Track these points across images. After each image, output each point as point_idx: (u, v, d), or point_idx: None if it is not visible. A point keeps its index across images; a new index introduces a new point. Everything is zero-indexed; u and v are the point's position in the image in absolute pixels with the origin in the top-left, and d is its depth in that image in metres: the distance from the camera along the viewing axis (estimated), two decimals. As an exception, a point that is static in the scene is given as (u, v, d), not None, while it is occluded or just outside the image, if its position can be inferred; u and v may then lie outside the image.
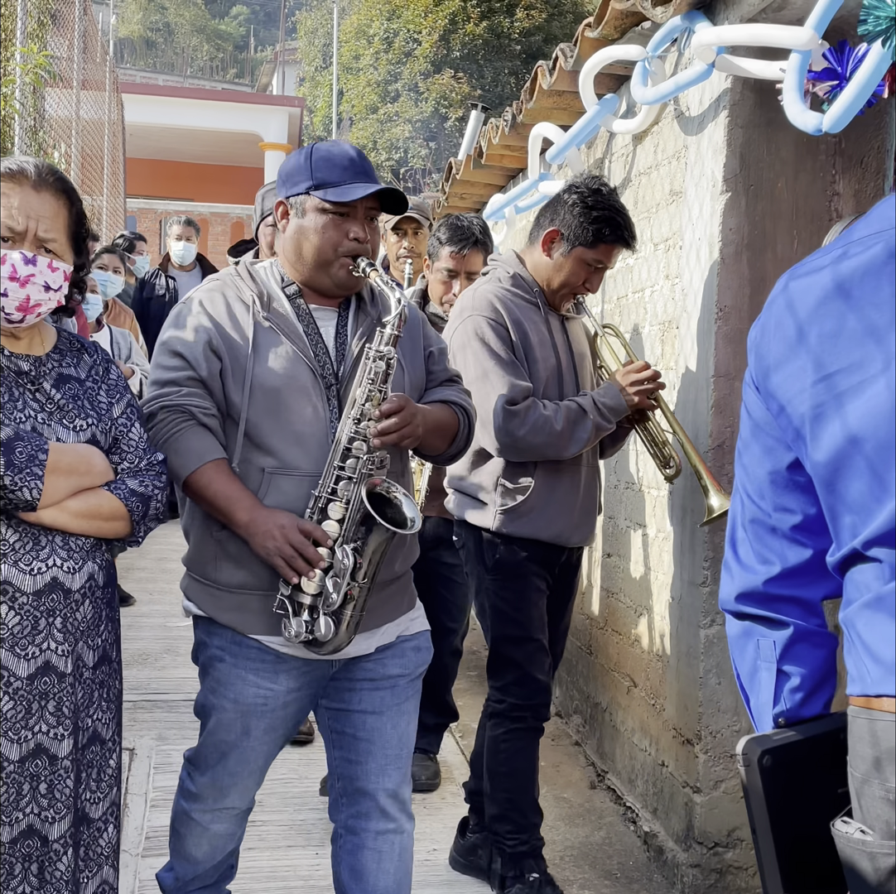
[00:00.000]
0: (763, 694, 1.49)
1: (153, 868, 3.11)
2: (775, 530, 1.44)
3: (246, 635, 2.30)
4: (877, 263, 1.25)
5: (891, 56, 2.23)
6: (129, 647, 5.07)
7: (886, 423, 1.23)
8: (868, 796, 1.27)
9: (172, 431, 2.25)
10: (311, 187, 2.31)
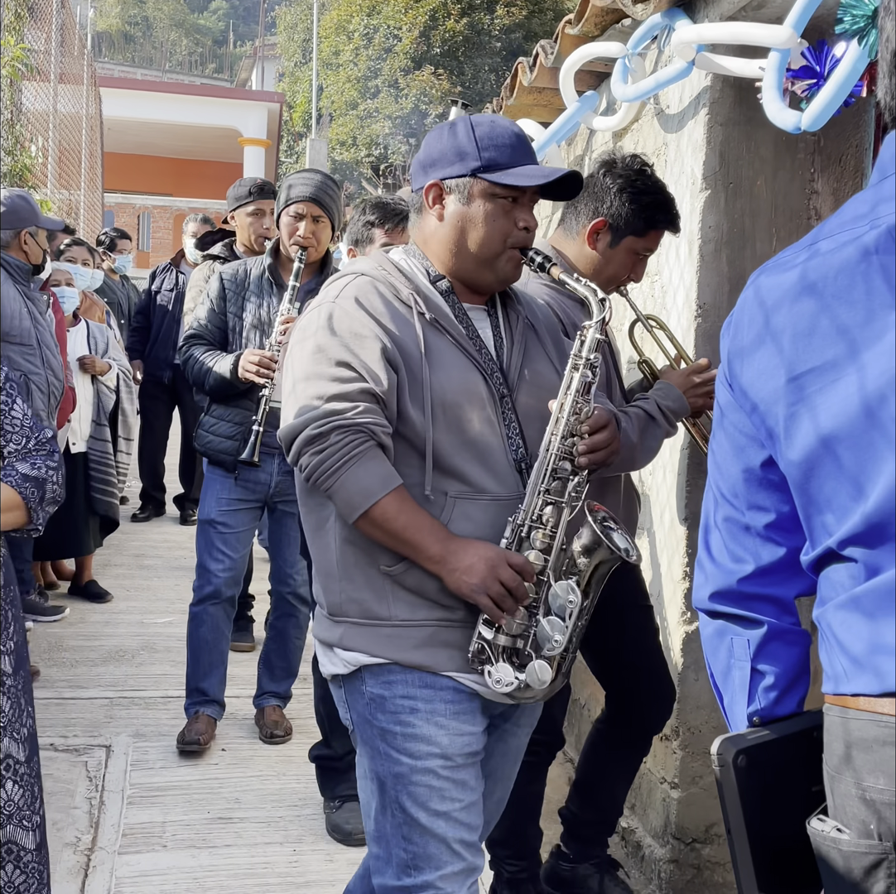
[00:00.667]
0: (737, 693, 1.49)
1: (129, 865, 3.11)
2: (749, 528, 1.43)
3: (439, 673, 1.98)
4: (850, 262, 1.25)
5: (868, 55, 2.24)
6: (105, 644, 5.08)
7: (859, 424, 1.22)
8: (843, 794, 1.28)
9: (350, 455, 1.92)
10: (479, 169, 2.03)
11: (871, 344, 1.21)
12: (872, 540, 1.23)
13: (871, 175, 1.30)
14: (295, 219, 3.80)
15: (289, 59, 26.77)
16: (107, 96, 16.04)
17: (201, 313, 3.93)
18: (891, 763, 1.21)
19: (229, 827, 3.38)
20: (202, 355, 3.82)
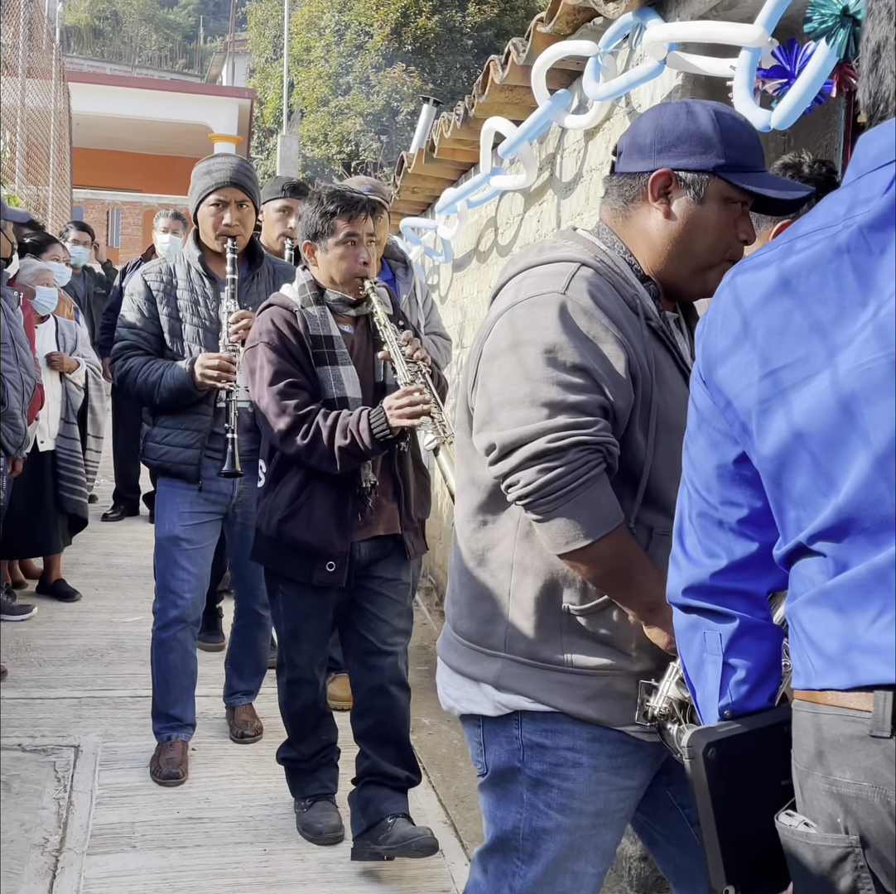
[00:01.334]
0: (709, 686, 1.50)
1: (98, 866, 3.09)
2: (722, 523, 1.44)
3: (612, 728, 1.82)
4: (822, 260, 1.26)
5: (836, 54, 2.25)
6: (73, 643, 5.04)
7: (830, 419, 1.23)
8: (811, 789, 1.28)
9: (587, 477, 1.70)
10: (723, 167, 1.79)
11: (843, 341, 1.23)
12: (842, 534, 1.24)
13: (847, 173, 1.31)
14: (218, 207, 3.64)
15: (259, 55, 26.65)
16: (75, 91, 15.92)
17: (130, 320, 3.65)
18: (858, 757, 1.22)
19: (199, 827, 3.36)
20: (143, 367, 3.56)
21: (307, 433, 2.95)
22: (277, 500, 3.08)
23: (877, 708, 1.20)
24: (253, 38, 27.59)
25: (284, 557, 3.12)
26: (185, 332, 3.62)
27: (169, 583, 3.66)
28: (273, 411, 3.00)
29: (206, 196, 3.66)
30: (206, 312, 3.64)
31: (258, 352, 3.06)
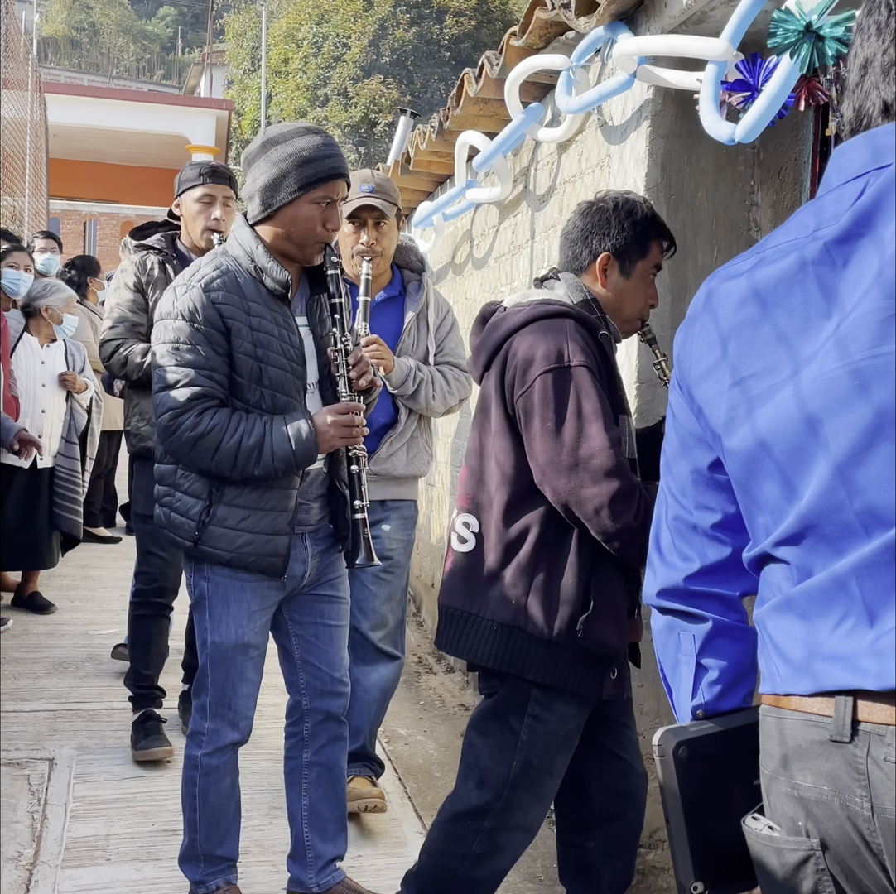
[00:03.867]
0: (683, 686, 1.53)
1: (72, 879, 3.07)
2: (696, 528, 1.47)
3: None
4: (790, 271, 1.28)
5: (799, 69, 2.29)
6: (49, 656, 5.02)
7: (793, 428, 1.25)
8: (775, 793, 1.30)
9: None
10: None
11: (808, 351, 1.25)
12: (804, 541, 1.26)
13: (821, 186, 1.33)
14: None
15: (237, 67, 26.68)
16: (52, 102, 15.88)
17: (195, 358, 2.60)
18: (818, 761, 1.24)
19: (174, 840, 3.34)
20: (231, 425, 2.60)
21: (639, 510, 2.30)
22: (561, 588, 2.37)
23: (837, 713, 1.22)
24: (231, 50, 27.62)
25: (571, 666, 2.40)
26: (265, 376, 2.66)
27: (231, 701, 2.82)
28: (602, 467, 2.29)
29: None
30: (289, 349, 2.70)
31: (573, 376, 2.35)
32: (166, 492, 2.73)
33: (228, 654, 2.77)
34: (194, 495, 2.68)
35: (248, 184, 2.66)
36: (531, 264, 4.22)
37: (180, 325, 2.59)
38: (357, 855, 3.33)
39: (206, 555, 2.70)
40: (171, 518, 2.71)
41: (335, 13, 20.81)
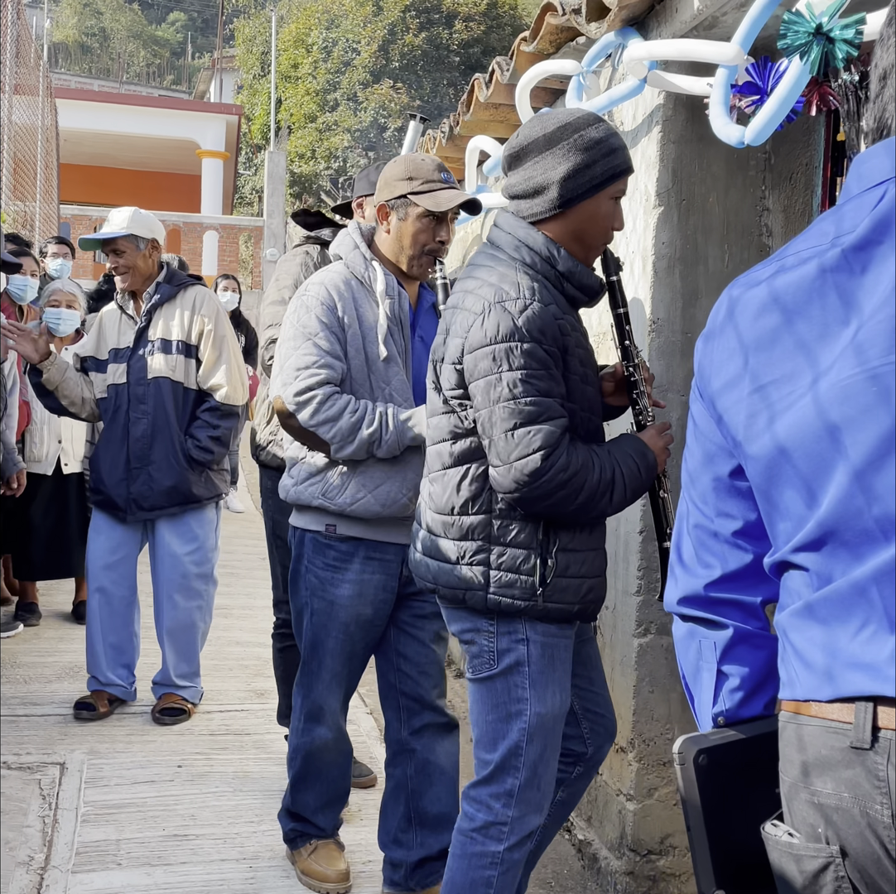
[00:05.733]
0: (704, 694, 1.52)
1: (83, 884, 3.08)
2: (717, 535, 1.47)
3: None
4: (809, 279, 1.29)
5: (809, 71, 2.28)
6: (59, 660, 5.03)
7: (813, 434, 1.26)
8: (795, 799, 1.30)
9: None
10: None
11: (827, 358, 1.26)
12: (824, 547, 1.27)
13: (841, 194, 1.34)
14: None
15: (247, 72, 26.72)
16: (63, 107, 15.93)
17: (549, 390, 2.26)
18: (838, 768, 1.24)
19: (185, 844, 3.35)
20: (592, 465, 2.31)
21: None
22: None
23: (858, 719, 1.22)
24: (241, 55, 27.67)
25: None
26: (585, 397, 2.40)
27: (540, 781, 2.42)
28: None
29: None
30: (593, 366, 2.48)
31: None
32: (479, 548, 2.35)
33: (550, 725, 2.41)
34: (523, 546, 2.33)
35: (535, 174, 2.30)
36: (541, 269, 4.21)
37: (530, 349, 2.21)
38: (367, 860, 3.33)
39: (548, 613, 2.35)
40: (491, 577, 2.34)
41: (345, 18, 20.85)
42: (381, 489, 2.89)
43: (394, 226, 2.91)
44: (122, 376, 4.25)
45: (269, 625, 4.04)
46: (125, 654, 4.42)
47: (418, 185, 2.84)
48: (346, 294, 2.89)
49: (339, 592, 2.94)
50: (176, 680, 4.40)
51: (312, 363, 2.83)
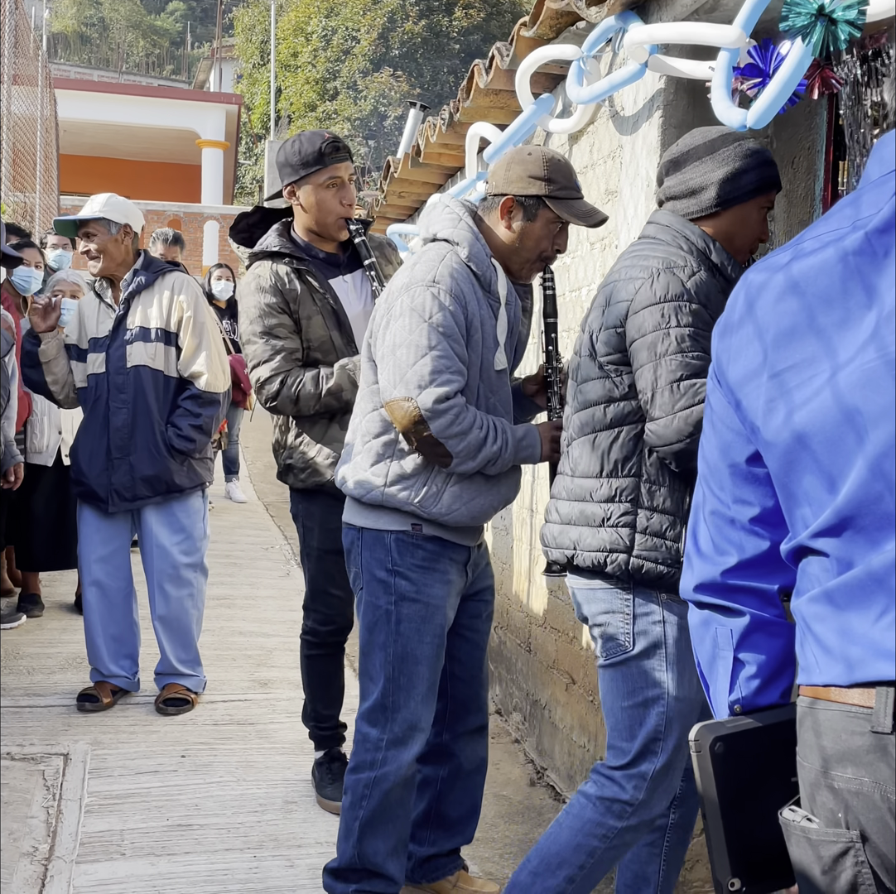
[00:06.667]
0: (720, 681, 1.52)
1: (87, 874, 3.08)
2: (734, 522, 1.46)
3: None
4: (830, 262, 1.28)
5: (812, 53, 2.26)
6: (62, 651, 5.03)
7: (831, 419, 1.25)
8: (813, 784, 1.30)
9: None
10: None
11: (847, 343, 1.25)
12: (843, 534, 1.26)
13: (862, 177, 1.33)
14: None
15: (247, 61, 26.67)
16: (62, 98, 15.90)
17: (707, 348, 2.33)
18: (859, 753, 1.23)
19: (189, 834, 3.35)
20: None
21: None
22: None
23: (878, 704, 1.21)
24: (240, 44, 27.62)
25: None
26: None
27: (675, 769, 2.49)
28: None
29: None
30: None
31: None
32: (626, 510, 2.36)
33: (686, 711, 2.37)
34: (670, 512, 2.35)
35: (695, 177, 2.42)
36: (543, 256, 4.20)
37: (698, 310, 2.29)
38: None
39: None
40: (637, 540, 2.35)
41: (344, 6, 20.80)
42: (476, 502, 2.69)
43: (518, 226, 2.68)
44: (101, 365, 4.23)
45: (271, 615, 4.06)
46: (127, 645, 4.42)
47: (557, 189, 2.66)
48: (471, 291, 2.63)
49: (434, 592, 2.70)
50: (178, 668, 4.40)
51: (447, 368, 2.54)
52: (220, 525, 7.75)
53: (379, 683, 2.69)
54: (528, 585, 4.30)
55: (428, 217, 2.80)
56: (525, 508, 4.30)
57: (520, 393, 2.93)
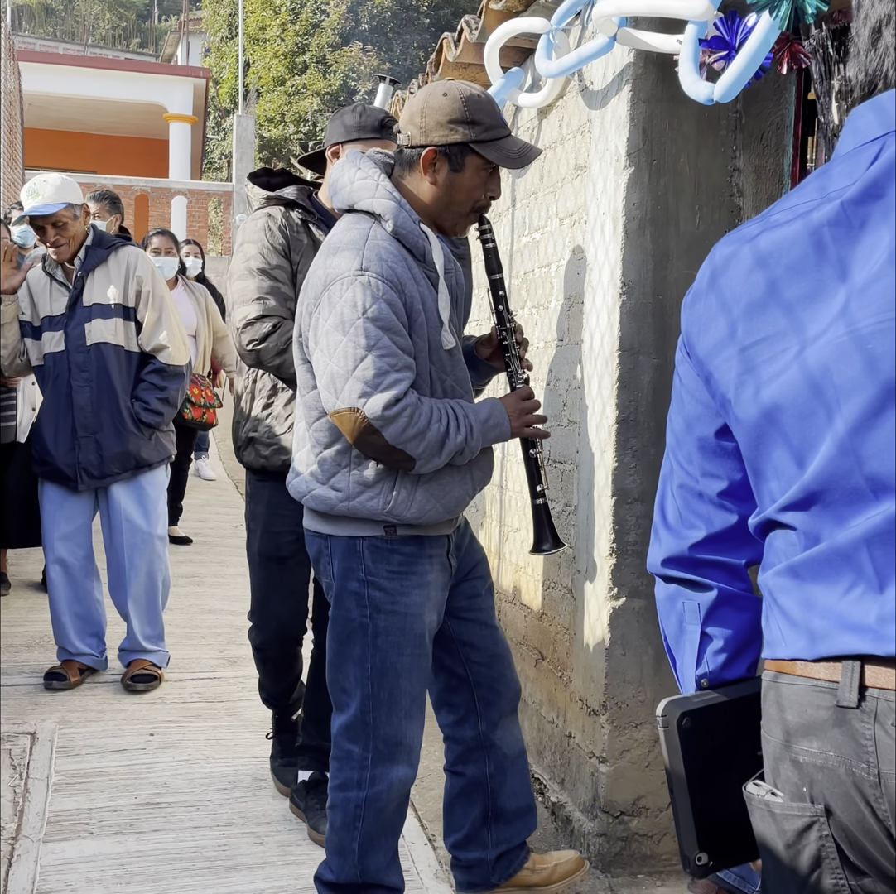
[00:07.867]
0: (687, 656, 1.52)
1: (55, 853, 3.06)
2: (702, 495, 1.46)
3: None
4: (802, 234, 1.26)
5: (779, 26, 2.25)
6: (29, 630, 4.99)
7: (800, 393, 1.24)
8: (777, 758, 1.30)
9: None
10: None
11: (818, 317, 1.24)
12: (810, 508, 1.26)
13: (836, 148, 1.32)
14: None
15: (214, 34, 26.34)
16: (27, 71, 15.70)
17: None
18: (824, 727, 1.23)
19: (157, 813, 3.35)
20: None
21: None
22: None
23: (844, 678, 1.21)
24: (208, 17, 27.27)
25: None
26: None
27: None
28: None
29: None
30: None
31: None
32: None
33: None
34: None
35: None
36: (512, 231, 4.18)
37: None
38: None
39: None
40: None
41: (313, -21, 20.58)
42: (451, 495, 2.53)
43: (443, 179, 2.45)
44: (59, 344, 4.18)
45: (241, 593, 4.04)
46: (92, 623, 4.40)
47: (482, 131, 2.42)
48: (405, 269, 2.40)
49: (410, 600, 2.54)
50: (144, 644, 4.38)
51: (392, 366, 2.34)
52: (190, 503, 7.70)
53: (356, 697, 2.54)
54: (498, 562, 4.30)
55: (339, 180, 2.53)
56: (495, 485, 4.30)
57: (474, 356, 2.76)
